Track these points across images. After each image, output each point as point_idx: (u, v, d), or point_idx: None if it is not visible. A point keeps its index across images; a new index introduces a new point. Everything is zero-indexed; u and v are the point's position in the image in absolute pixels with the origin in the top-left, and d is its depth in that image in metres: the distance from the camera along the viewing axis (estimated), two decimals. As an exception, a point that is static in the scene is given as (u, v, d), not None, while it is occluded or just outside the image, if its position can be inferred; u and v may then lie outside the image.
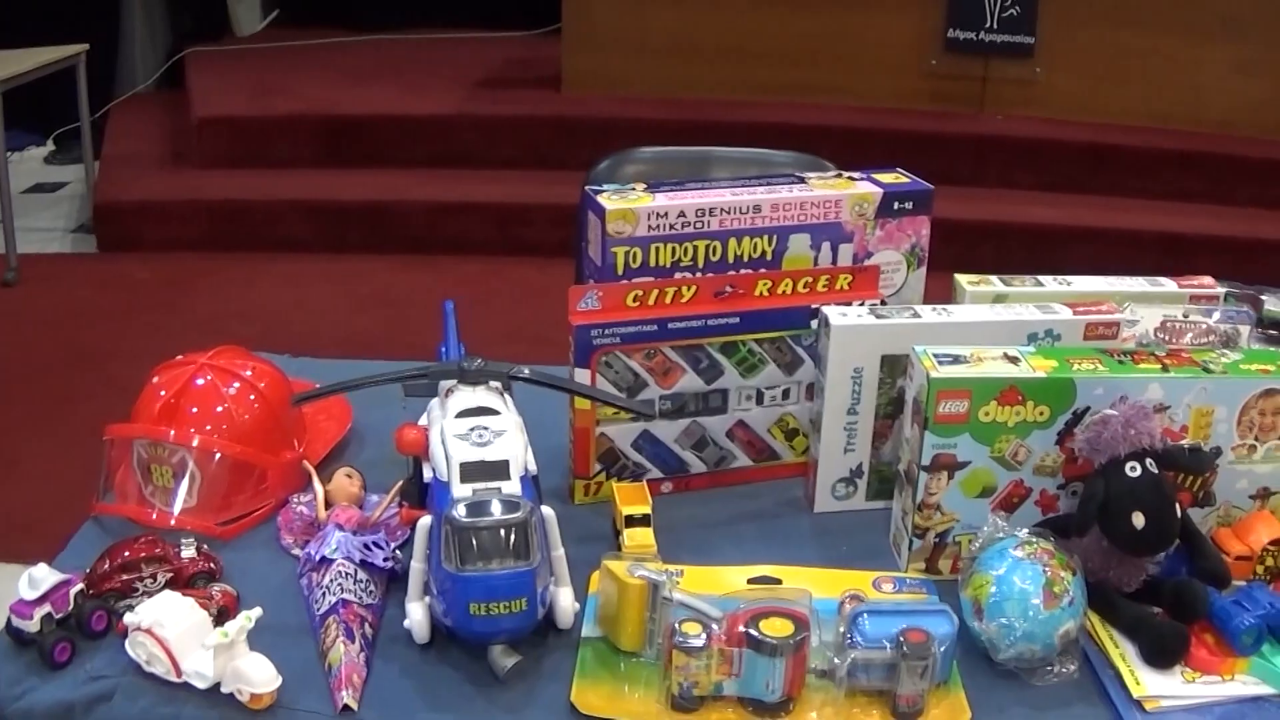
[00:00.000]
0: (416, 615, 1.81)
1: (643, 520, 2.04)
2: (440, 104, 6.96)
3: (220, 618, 1.80)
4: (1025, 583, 1.82)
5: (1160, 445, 1.97)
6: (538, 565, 1.74)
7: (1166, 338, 2.32)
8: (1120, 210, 6.61)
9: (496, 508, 1.74)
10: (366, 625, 1.83)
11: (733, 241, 2.24)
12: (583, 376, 2.11)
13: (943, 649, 1.76)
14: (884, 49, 6.97)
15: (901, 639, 1.74)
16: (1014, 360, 2.00)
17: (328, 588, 1.86)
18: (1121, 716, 1.80)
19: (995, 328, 2.13)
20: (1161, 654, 1.88)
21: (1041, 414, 1.98)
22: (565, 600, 1.86)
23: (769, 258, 2.28)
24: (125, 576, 1.87)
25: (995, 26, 6.86)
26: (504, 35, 8.25)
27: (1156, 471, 1.95)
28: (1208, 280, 2.47)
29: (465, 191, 6.49)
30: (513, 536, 1.72)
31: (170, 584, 1.87)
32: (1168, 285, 2.44)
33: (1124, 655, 1.89)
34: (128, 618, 1.75)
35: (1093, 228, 6.41)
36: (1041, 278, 2.38)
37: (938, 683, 1.79)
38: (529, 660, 1.77)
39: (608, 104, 6.84)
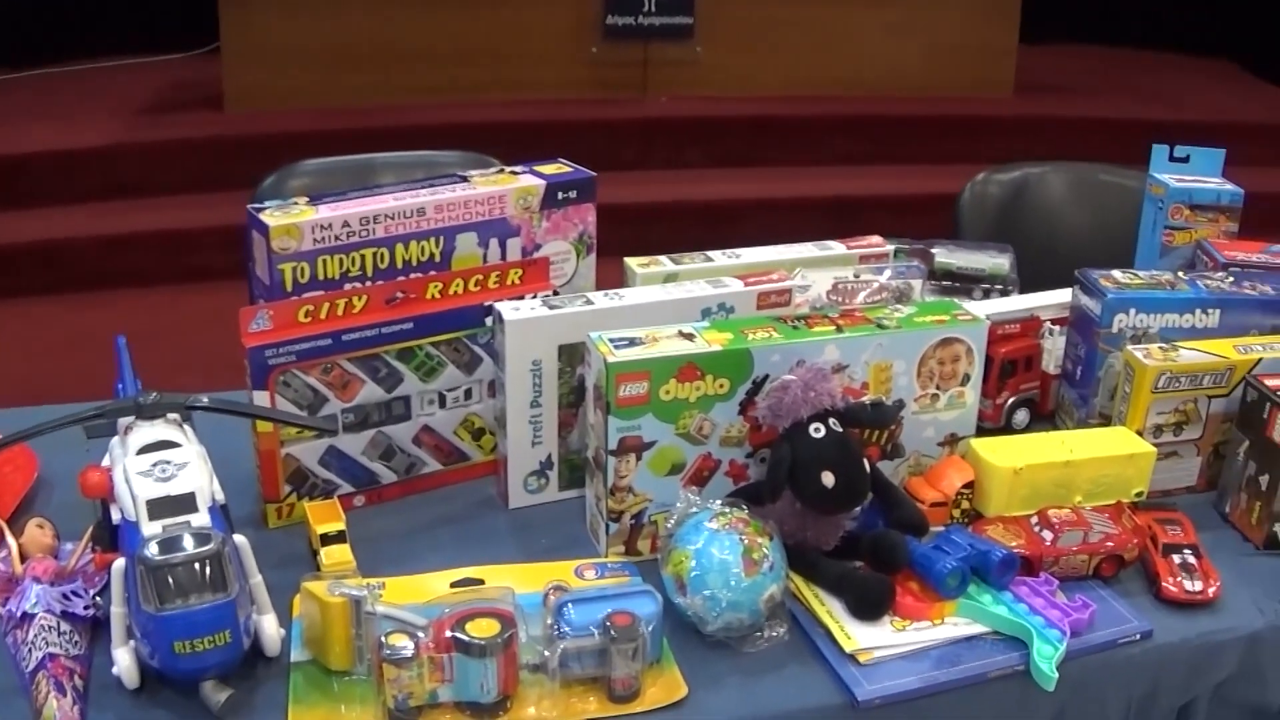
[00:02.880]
0: (124, 661, 1.75)
1: (338, 537, 2.02)
2: (101, 135, 6.77)
3: (-68, 686, 1.73)
4: (724, 553, 1.84)
5: (841, 404, 2.01)
6: (237, 596, 1.71)
7: (839, 299, 2.38)
8: (789, 179, 6.74)
9: (188, 542, 1.71)
10: (76, 677, 1.77)
11: (400, 247, 2.23)
12: (261, 398, 2.07)
13: (650, 628, 1.78)
14: (544, 41, 6.99)
15: (608, 623, 1.76)
16: (689, 337, 2.03)
17: (33, 643, 1.79)
18: (837, 672, 1.84)
19: (668, 307, 2.16)
20: (868, 606, 1.93)
21: (721, 386, 2.01)
22: (269, 627, 1.82)
23: (438, 259, 2.27)
24: None
25: (653, 10, 6.93)
26: (163, 58, 8.05)
27: (840, 430, 1.99)
28: (876, 239, 2.54)
29: (134, 222, 6.32)
30: (208, 569, 1.69)
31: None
32: (836, 248, 2.50)
33: (831, 612, 1.94)
34: None
35: (764, 199, 6.53)
36: (710, 253, 2.41)
37: (650, 662, 1.81)
38: (242, 693, 1.74)
39: (273, 119, 6.73)
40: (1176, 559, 2.06)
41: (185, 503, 1.77)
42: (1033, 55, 7.51)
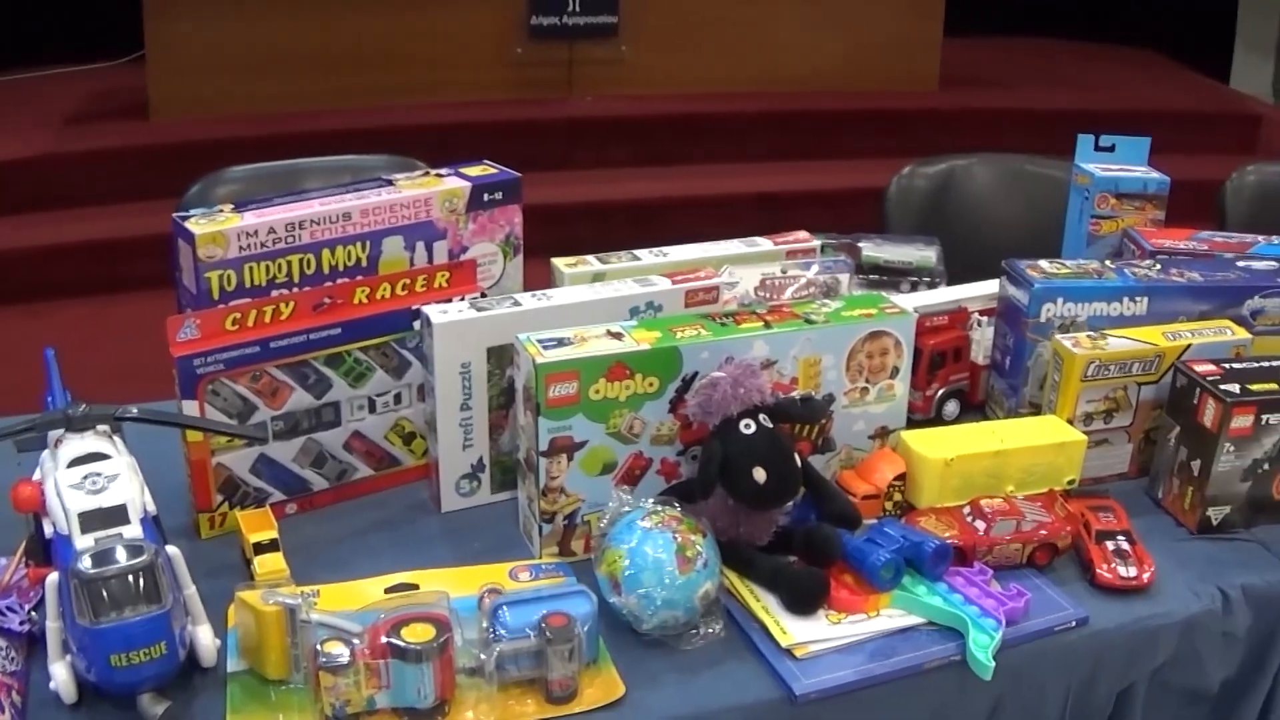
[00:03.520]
0: (61, 675, 1.74)
1: (271, 545, 2.01)
2: (28, 146, 6.70)
3: None
4: (658, 552, 1.85)
5: (771, 399, 2.02)
6: (171, 607, 1.69)
7: (768, 295, 2.38)
8: (715, 177, 6.74)
9: (121, 554, 1.69)
10: (14, 693, 1.76)
11: (326, 252, 2.22)
12: (191, 408, 2.06)
13: (586, 628, 1.78)
14: (469, 43, 6.95)
15: (544, 625, 1.76)
16: (617, 336, 2.03)
17: (-31, 661, 1.78)
18: (774, 668, 1.84)
19: (597, 306, 2.16)
20: (802, 600, 1.94)
21: (651, 385, 2.01)
22: (205, 638, 1.81)
23: (364, 264, 2.26)
24: None
25: (577, 10, 6.91)
26: (89, 68, 7.98)
27: (771, 425, 2.00)
28: (803, 234, 2.54)
29: (64, 233, 6.26)
30: (141, 581, 1.68)
31: None
32: (764, 244, 2.50)
33: (767, 608, 1.94)
34: None
35: (690, 197, 6.52)
36: (638, 251, 2.41)
37: (587, 662, 1.81)
38: (179, 704, 1.73)
39: (199, 127, 6.67)
40: (1110, 545, 2.07)
41: (117, 515, 1.76)
42: (957, 48, 7.54)
